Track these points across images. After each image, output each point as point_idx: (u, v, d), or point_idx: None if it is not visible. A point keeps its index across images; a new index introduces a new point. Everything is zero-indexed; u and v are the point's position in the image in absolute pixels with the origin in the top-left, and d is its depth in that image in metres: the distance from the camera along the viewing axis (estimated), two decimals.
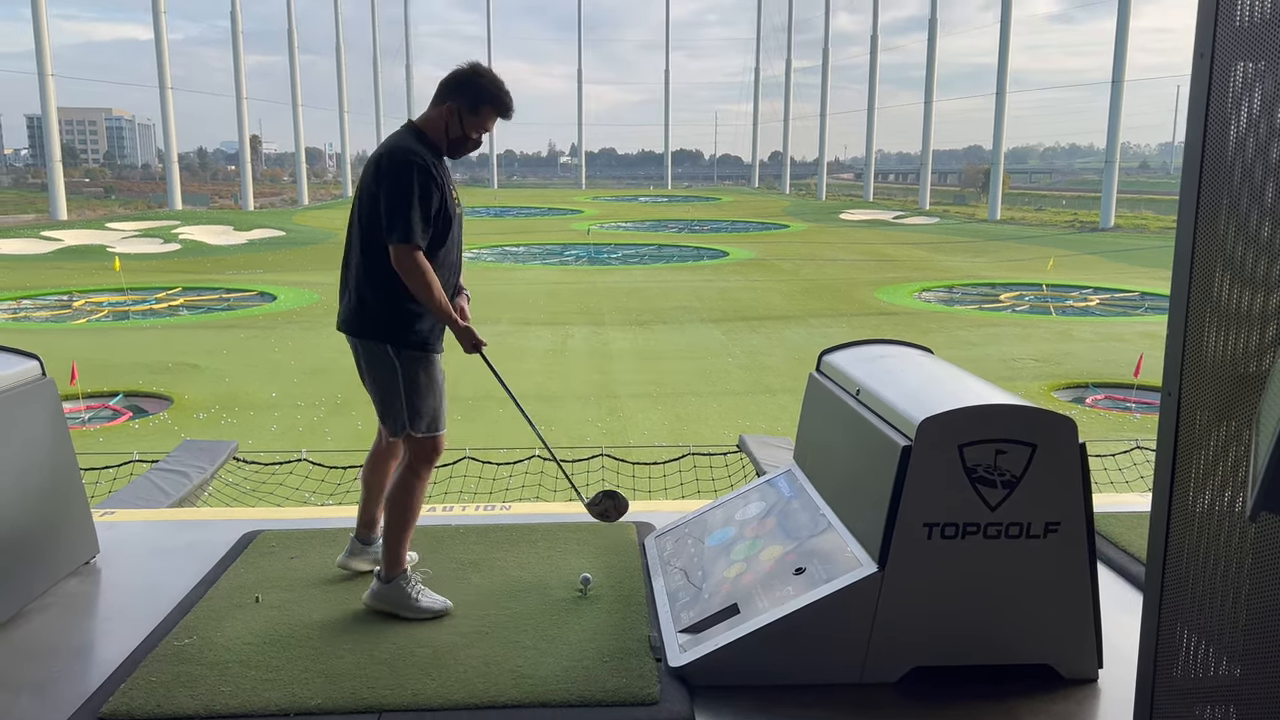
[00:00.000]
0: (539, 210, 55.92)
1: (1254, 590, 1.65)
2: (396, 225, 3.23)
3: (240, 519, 4.60)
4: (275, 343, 15.55)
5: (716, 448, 7.36)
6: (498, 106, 3.42)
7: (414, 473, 3.46)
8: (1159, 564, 1.86)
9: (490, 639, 3.22)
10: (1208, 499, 1.75)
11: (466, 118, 3.38)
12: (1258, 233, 1.59)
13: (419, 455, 3.46)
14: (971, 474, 2.88)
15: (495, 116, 3.44)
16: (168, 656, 3.09)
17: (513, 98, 3.46)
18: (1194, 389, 1.74)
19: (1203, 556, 1.77)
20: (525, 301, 20.23)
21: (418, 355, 3.40)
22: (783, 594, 3.06)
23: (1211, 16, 1.67)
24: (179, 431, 10.03)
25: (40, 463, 3.64)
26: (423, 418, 3.42)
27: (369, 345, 3.41)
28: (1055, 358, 14.63)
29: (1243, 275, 1.63)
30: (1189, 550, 1.78)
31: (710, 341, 16.07)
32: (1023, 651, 3.01)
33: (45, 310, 20.55)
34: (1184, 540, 1.79)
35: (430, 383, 3.44)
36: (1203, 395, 1.72)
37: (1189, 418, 1.76)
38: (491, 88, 3.39)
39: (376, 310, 3.37)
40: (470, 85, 3.37)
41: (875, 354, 3.86)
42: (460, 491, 6.50)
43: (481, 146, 3.55)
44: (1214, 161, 1.70)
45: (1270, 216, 1.55)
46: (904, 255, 31.25)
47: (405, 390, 3.40)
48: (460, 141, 3.42)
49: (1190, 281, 1.74)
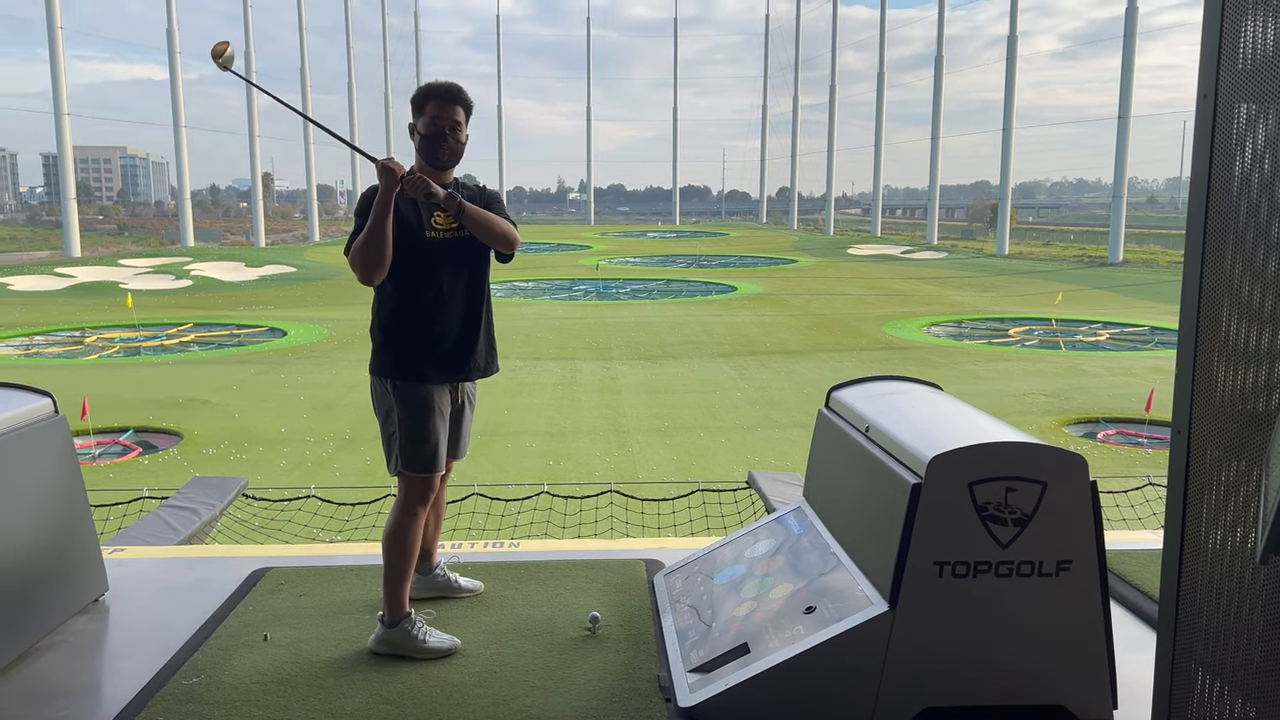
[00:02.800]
0: (548, 246, 56.24)
1: (1268, 629, 1.63)
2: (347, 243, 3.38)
3: (249, 556, 4.60)
4: (285, 378, 15.60)
5: (726, 484, 7.34)
6: (429, 94, 3.42)
7: (407, 513, 3.44)
8: (1172, 603, 1.85)
9: (499, 678, 3.20)
10: (1219, 537, 1.74)
11: (417, 121, 3.43)
12: (1264, 269, 1.60)
13: (410, 495, 3.44)
14: (982, 512, 2.86)
15: (437, 104, 3.40)
16: (176, 696, 3.08)
17: (449, 83, 3.46)
18: (1204, 427, 1.74)
19: (1215, 595, 1.75)
20: (534, 336, 20.28)
21: (413, 387, 3.39)
22: (793, 633, 3.03)
23: (1214, 59, 1.69)
24: (188, 467, 10.04)
25: (51, 500, 3.65)
26: (416, 456, 3.41)
27: (372, 380, 3.49)
28: (1066, 393, 14.57)
29: (1250, 312, 1.64)
30: (1201, 589, 1.77)
31: (719, 376, 16.06)
32: (1036, 692, 2.97)
33: (57, 346, 20.69)
34: (1196, 579, 1.78)
35: (421, 419, 3.40)
36: (1212, 433, 1.72)
37: (1199, 455, 1.76)
38: (422, 88, 3.46)
39: (376, 347, 3.46)
40: (412, 99, 3.48)
41: (884, 390, 3.86)
42: (469, 528, 6.48)
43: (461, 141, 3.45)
44: (1219, 199, 1.71)
45: (1276, 253, 1.56)
46: (912, 290, 31.28)
47: (399, 426, 3.41)
48: (425, 143, 3.39)
49: (1198, 319, 1.74)
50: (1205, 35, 1.71)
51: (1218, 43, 1.68)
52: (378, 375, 3.45)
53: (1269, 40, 1.60)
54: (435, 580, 3.88)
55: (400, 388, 3.40)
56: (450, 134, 3.40)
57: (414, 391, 3.40)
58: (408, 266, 3.35)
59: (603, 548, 4.84)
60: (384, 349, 3.43)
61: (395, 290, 3.39)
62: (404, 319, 3.40)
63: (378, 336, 3.46)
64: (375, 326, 3.47)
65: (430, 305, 3.40)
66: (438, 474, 3.48)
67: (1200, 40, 1.72)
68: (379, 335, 3.46)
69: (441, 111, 3.39)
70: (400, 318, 3.41)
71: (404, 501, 3.44)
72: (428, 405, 3.42)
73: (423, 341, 3.40)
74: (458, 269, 3.45)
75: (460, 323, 3.47)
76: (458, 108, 3.43)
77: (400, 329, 3.41)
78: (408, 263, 3.34)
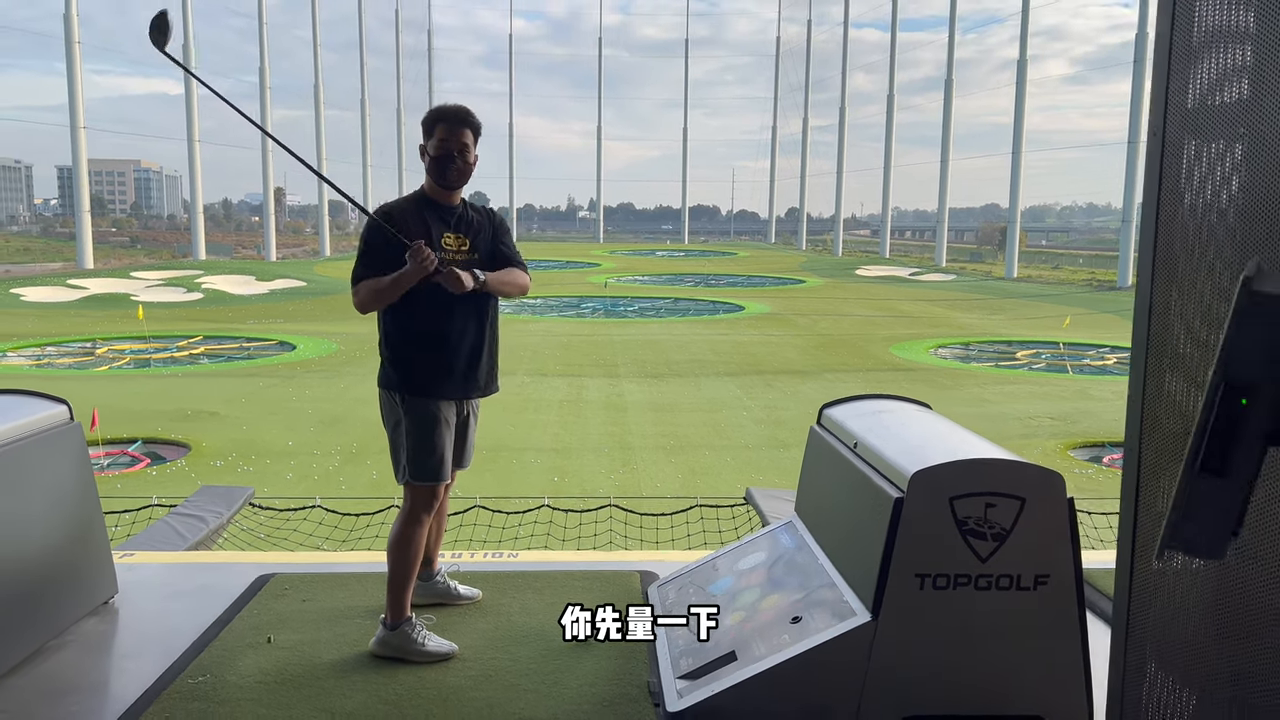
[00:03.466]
0: (557, 263, 56.53)
1: (1209, 624, 1.74)
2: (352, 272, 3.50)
3: (254, 562, 4.71)
4: (294, 392, 15.76)
5: (724, 500, 7.43)
6: (440, 117, 3.55)
7: (412, 521, 3.55)
8: (1124, 600, 1.95)
9: (494, 683, 3.30)
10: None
11: (427, 144, 3.56)
12: (1204, 296, 1.71)
13: (416, 503, 3.56)
14: (962, 526, 2.96)
15: (446, 127, 3.53)
16: (182, 694, 3.18)
17: (459, 106, 3.59)
18: (1153, 442, 1.85)
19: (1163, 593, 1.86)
20: (541, 353, 20.42)
21: (419, 402, 3.51)
22: (779, 641, 3.13)
23: (1162, 99, 1.81)
24: (196, 478, 10.17)
25: (65, 504, 3.77)
26: (423, 466, 3.53)
27: (381, 394, 3.61)
28: (1073, 416, 14.62)
29: (1192, 335, 1.74)
30: (1151, 588, 1.88)
31: (725, 395, 16.16)
32: (1014, 702, 3.06)
33: (68, 357, 20.92)
34: (1146, 579, 1.88)
35: (427, 431, 3.51)
36: (1161, 449, 1.83)
37: (1149, 468, 1.86)
38: (434, 109, 3.59)
39: (385, 362, 3.58)
40: (422, 120, 3.61)
41: (874, 409, 3.96)
42: (470, 540, 6.58)
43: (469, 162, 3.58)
44: (1167, 230, 1.82)
45: (1214, 281, 1.67)
46: (920, 312, 31.37)
47: (406, 438, 3.53)
48: (435, 165, 3.53)
49: (1148, 342, 1.85)
50: (1154, 78, 1.83)
51: (1165, 85, 1.80)
52: (386, 389, 3.58)
53: (1210, 83, 1.72)
54: (435, 587, 3.98)
55: (409, 402, 3.52)
56: (459, 156, 3.53)
57: (423, 406, 3.52)
58: (419, 287, 3.42)
59: (600, 559, 4.94)
60: (393, 365, 3.55)
61: (406, 309, 3.49)
62: (414, 337, 3.52)
63: (386, 352, 3.58)
64: (384, 343, 3.59)
65: (440, 325, 3.51)
66: (443, 484, 3.60)
67: (1150, 82, 1.84)
68: (388, 351, 3.57)
69: (450, 134, 3.52)
70: (411, 336, 3.52)
71: (410, 510, 3.56)
72: (435, 419, 3.53)
73: (432, 359, 3.52)
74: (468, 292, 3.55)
75: (468, 343, 3.58)
76: (466, 130, 3.56)
77: (410, 346, 3.53)
78: (421, 283, 3.42)
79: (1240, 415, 1.28)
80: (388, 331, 3.56)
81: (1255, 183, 1.62)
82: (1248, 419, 1.29)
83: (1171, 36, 1.79)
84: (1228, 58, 1.72)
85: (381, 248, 3.41)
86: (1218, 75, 1.71)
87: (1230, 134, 1.70)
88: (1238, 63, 1.70)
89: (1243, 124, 1.69)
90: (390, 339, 3.56)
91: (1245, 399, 1.28)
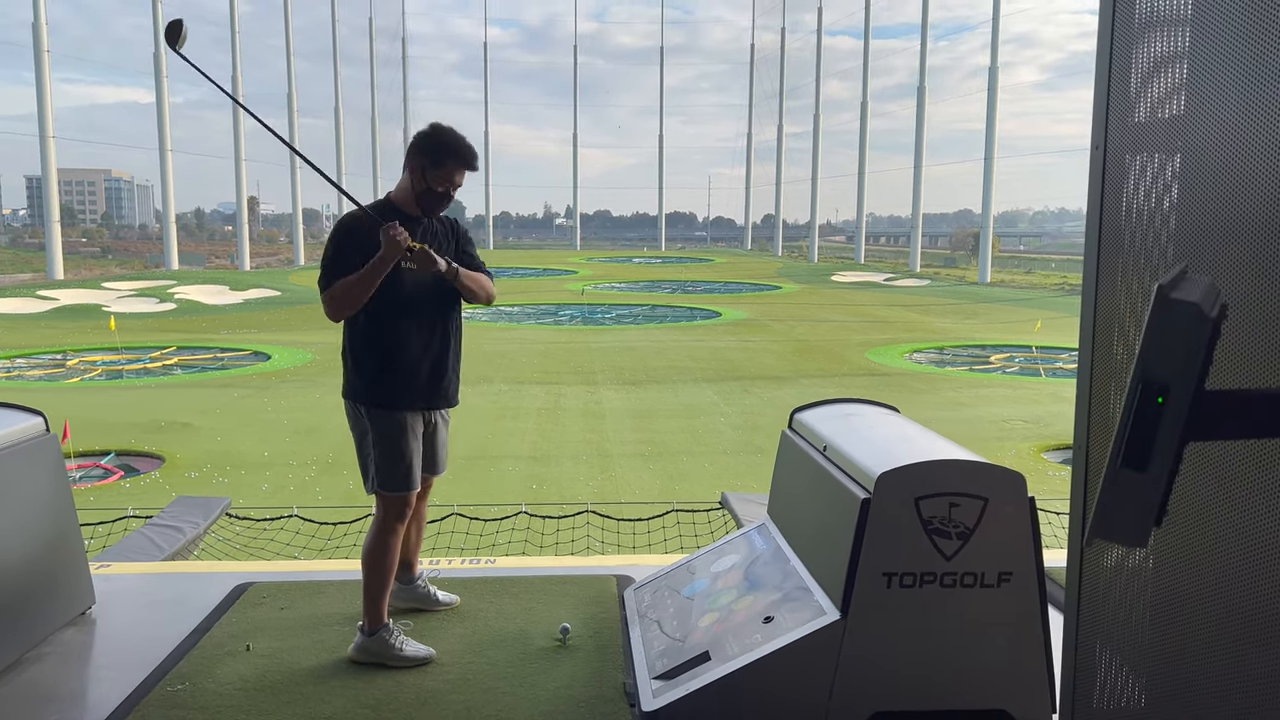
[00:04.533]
0: (534, 270, 56.50)
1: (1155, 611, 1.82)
2: (320, 279, 3.50)
3: (232, 572, 4.73)
4: (268, 402, 15.69)
5: (700, 504, 7.50)
6: (459, 159, 3.56)
7: (385, 530, 3.59)
8: (1075, 589, 2.04)
9: (472, 685, 3.35)
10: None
11: (430, 173, 3.54)
12: (1139, 303, 1.80)
13: (388, 513, 3.60)
14: (927, 525, 3.05)
15: (460, 169, 3.58)
16: (161, 702, 3.21)
17: (475, 150, 3.61)
18: (1099, 442, 1.94)
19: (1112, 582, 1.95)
20: (519, 361, 20.44)
21: (385, 414, 3.54)
22: (751, 641, 3.20)
23: (1103, 116, 1.90)
24: (170, 490, 10.12)
25: (41, 515, 3.78)
26: (391, 476, 3.56)
27: (347, 405, 3.64)
28: (1046, 419, 14.80)
29: (1129, 342, 1.83)
30: (1101, 577, 1.97)
31: (703, 401, 16.24)
32: (980, 696, 3.14)
33: (39, 369, 20.69)
34: (1097, 569, 1.97)
35: (398, 442, 3.54)
36: (1106, 447, 1.91)
37: (1096, 469, 1.95)
38: (451, 143, 3.55)
39: (350, 373, 3.61)
40: (431, 142, 3.55)
41: (844, 412, 4.05)
42: (448, 547, 6.62)
43: (453, 200, 3.67)
44: (1109, 241, 1.91)
45: (1145, 291, 1.76)
46: (895, 317, 31.63)
47: (374, 449, 3.56)
48: (428, 195, 3.57)
49: (1094, 345, 1.94)
50: (1096, 96, 1.93)
51: (1105, 103, 1.89)
52: (352, 400, 3.61)
53: (1150, 101, 1.81)
54: (415, 591, 4.02)
55: (374, 413, 3.55)
56: (453, 194, 3.64)
57: (388, 417, 3.55)
58: (385, 297, 3.46)
59: (576, 564, 5.00)
60: (357, 375, 3.57)
61: (370, 319, 3.52)
62: (379, 348, 3.53)
63: (350, 362, 3.60)
64: (348, 352, 3.61)
65: (405, 335, 3.54)
66: (413, 492, 3.62)
67: (1092, 100, 1.93)
68: (351, 361, 3.60)
69: (460, 179, 3.61)
70: (375, 346, 3.54)
71: (382, 520, 3.60)
72: (401, 428, 3.56)
73: (397, 370, 3.54)
74: (432, 301, 3.60)
75: (433, 353, 3.62)
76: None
77: (375, 357, 3.54)
78: (385, 294, 3.45)
79: (1157, 414, 1.37)
80: (352, 343, 3.58)
81: (1190, 195, 1.71)
82: (1164, 417, 1.37)
83: (1111, 53, 1.88)
84: (1165, 74, 1.81)
85: (352, 253, 3.43)
86: (1156, 91, 1.80)
87: (1168, 148, 1.79)
88: (1175, 80, 1.79)
89: (1180, 138, 1.78)
90: (355, 351, 3.57)
91: (1161, 398, 1.36)
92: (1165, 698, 1.79)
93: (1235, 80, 1.61)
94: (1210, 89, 1.69)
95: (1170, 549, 1.73)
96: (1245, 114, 1.58)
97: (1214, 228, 1.63)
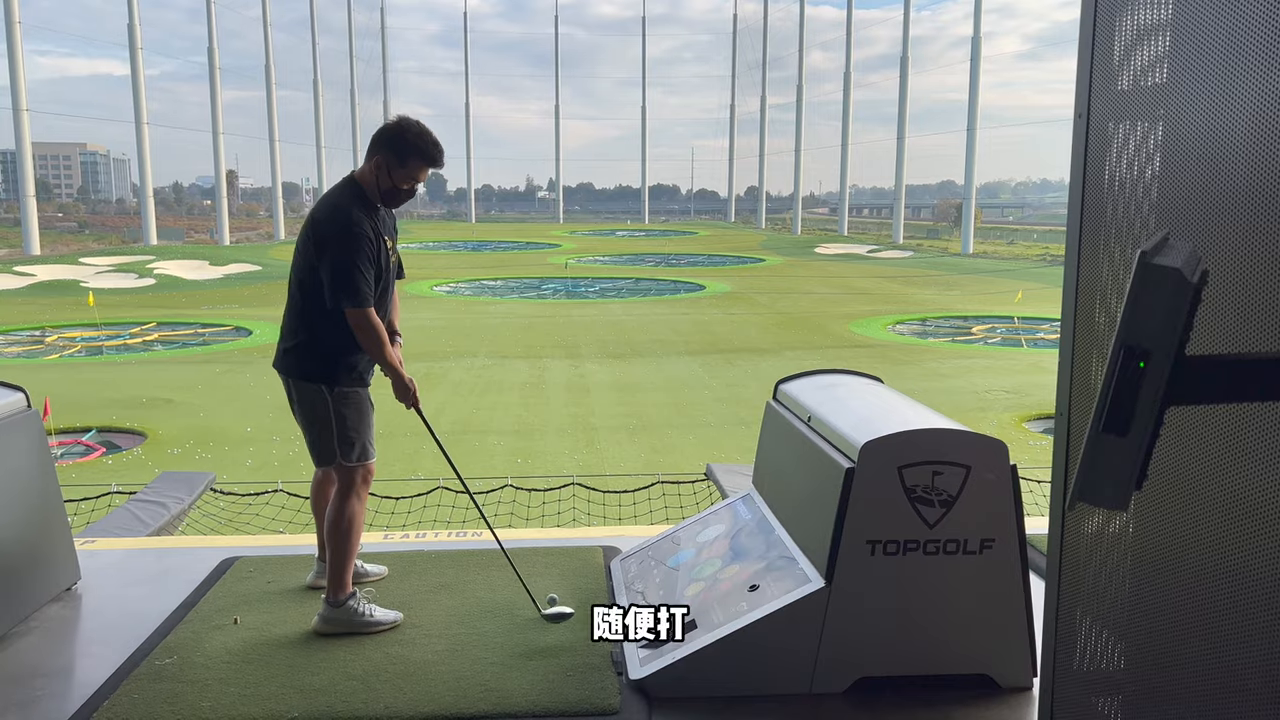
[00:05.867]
0: (516, 244, 56.26)
1: (1133, 577, 1.86)
2: (347, 291, 3.44)
3: (218, 546, 4.73)
4: (250, 378, 15.60)
5: (685, 476, 7.54)
6: (424, 158, 3.57)
7: (352, 498, 3.65)
8: (1056, 556, 2.07)
9: (460, 656, 3.38)
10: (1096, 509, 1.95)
11: (395, 170, 3.55)
12: (1121, 271, 1.81)
13: (352, 482, 3.65)
14: (911, 494, 3.08)
15: (424, 167, 3.58)
16: (149, 675, 3.22)
17: (441, 147, 3.61)
18: (1080, 409, 1.96)
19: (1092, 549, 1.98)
20: (502, 335, 20.40)
21: (354, 392, 3.63)
22: (737, 609, 3.23)
23: (1086, 84, 1.91)
24: (152, 466, 10.08)
25: (25, 492, 3.77)
26: (354, 448, 3.64)
27: (301, 384, 3.64)
28: (1026, 389, 14.91)
29: (1110, 309, 1.85)
30: (1082, 544, 2.00)
31: (687, 374, 16.27)
32: (962, 662, 3.20)
33: (17, 346, 20.49)
34: (1078, 536, 2.00)
35: (360, 415, 3.66)
36: (1088, 414, 1.93)
37: (1078, 434, 1.97)
38: (417, 141, 3.54)
39: (311, 353, 3.61)
40: (396, 139, 3.53)
41: (827, 383, 4.07)
42: (434, 520, 6.63)
43: (415, 195, 3.75)
44: (1092, 209, 1.93)
45: (1127, 258, 1.77)
46: (878, 288, 31.71)
47: (336, 425, 3.61)
48: (392, 192, 3.61)
49: (1075, 313, 1.96)
50: (1079, 64, 1.93)
51: (1089, 70, 1.90)
52: (311, 381, 3.62)
53: (1133, 70, 1.82)
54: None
55: (345, 393, 3.62)
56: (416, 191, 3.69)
57: (358, 394, 3.66)
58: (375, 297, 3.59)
59: (563, 536, 5.02)
60: (325, 358, 3.60)
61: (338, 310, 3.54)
62: (348, 337, 3.56)
63: (320, 351, 3.60)
64: (316, 342, 3.60)
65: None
66: (373, 460, 3.73)
67: (1075, 67, 1.93)
68: (322, 350, 3.60)
69: (424, 176, 3.63)
70: (347, 336, 3.56)
71: (351, 488, 3.65)
72: (367, 402, 3.71)
73: (358, 353, 3.61)
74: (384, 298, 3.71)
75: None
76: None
77: (347, 344, 3.57)
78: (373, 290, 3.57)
79: (1138, 379, 1.38)
80: (324, 335, 3.57)
81: (1172, 163, 1.72)
82: (1145, 383, 1.39)
83: (1095, 18, 1.89)
84: (1149, 42, 1.81)
85: (374, 258, 3.52)
86: (1140, 59, 1.81)
87: (1150, 116, 1.80)
88: (1158, 47, 1.79)
89: (1163, 106, 1.79)
90: (325, 340, 3.58)
91: (1142, 363, 1.38)
92: (1144, 660, 1.82)
93: (1218, 49, 1.62)
94: (1193, 57, 1.70)
95: (1150, 513, 1.75)
96: (1228, 83, 1.59)
97: (1196, 195, 1.64)
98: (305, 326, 3.61)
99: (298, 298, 3.61)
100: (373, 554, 4.29)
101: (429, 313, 24.01)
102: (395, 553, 4.42)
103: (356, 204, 3.54)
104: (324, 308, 3.53)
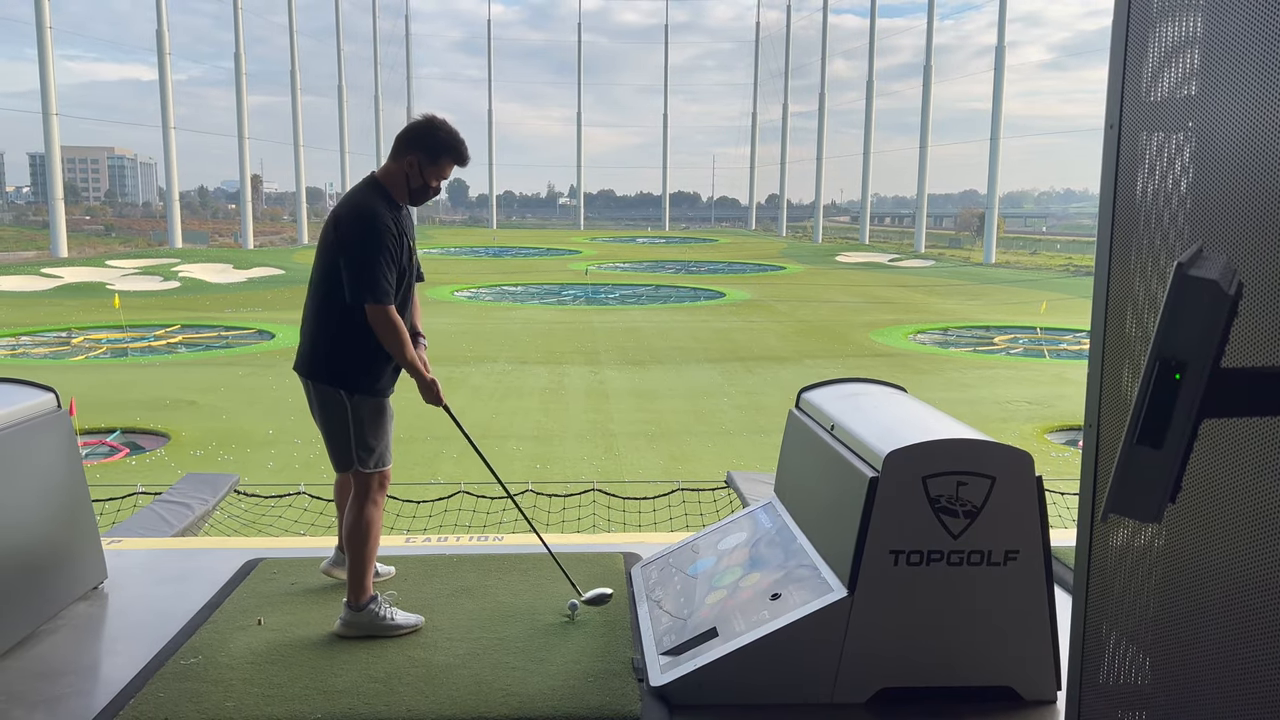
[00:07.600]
0: (537, 250, 56.42)
1: (1160, 592, 1.84)
2: (369, 287, 3.46)
3: (242, 548, 4.77)
4: (273, 380, 15.71)
5: (705, 483, 7.53)
6: (455, 156, 3.66)
7: (369, 504, 3.66)
8: (1084, 571, 2.06)
9: (481, 660, 3.39)
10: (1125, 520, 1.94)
11: (427, 168, 3.61)
12: (1157, 280, 1.80)
13: (369, 488, 3.67)
14: (935, 504, 3.06)
15: (453, 164, 3.68)
16: (174, 674, 3.25)
17: (467, 145, 3.71)
18: (1110, 421, 1.95)
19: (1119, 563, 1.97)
20: (523, 340, 20.45)
21: (374, 400, 3.64)
22: (758, 618, 3.23)
23: (1118, 95, 1.90)
24: (175, 468, 10.16)
25: (54, 491, 3.81)
26: (372, 454, 3.66)
27: (322, 388, 3.65)
28: (1049, 400, 14.80)
29: (1146, 319, 1.84)
30: (1109, 558, 1.98)
31: (706, 382, 16.25)
32: (985, 674, 3.17)
33: (44, 347, 20.73)
34: (1105, 550, 1.99)
35: (378, 423, 3.67)
36: (1119, 428, 1.92)
37: (1107, 445, 1.96)
38: (449, 139, 3.63)
39: (332, 357, 3.63)
40: (429, 137, 3.61)
41: (850, 391, 4.06)
42: (455, 525, 6.65)
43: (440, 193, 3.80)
44: (1124, 219, 1.92)
45: (1160, 269, 1.77)
46: (899, 297, 31.57)
47: (355, 431, 3.63)
48: (422, 190, 3.66)
49: (1106, 324, 1.95)
50: (1110, 75, 1.93)
51: (1121, 82, 1.89)
52: (334, 386, 3.63)
53: (1165, 82, 1.81)
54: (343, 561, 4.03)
55: (366, 400, 3.63)
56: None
57: (378, 402, 3.67)
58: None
59: (584, 542, 5.03)
60: (346, 363, 3.61)
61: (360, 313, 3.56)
62: (373, 344, 3.57)
63: (343, 356, 3.61)
64: (338, 348, 3.62)
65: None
66: (389, 467, 3.75)
67: (1100, 77, 1.93)
68: (345, 355, 3.61)
69: (450, 173, 3.69)
70: (370, 343, 3.57)
71: (369, 494, 3.67)
72: (386, 410, 3.72)
73: (381, 359, 3.62)
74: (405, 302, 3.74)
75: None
76: None
77: (371, 350, 3.59)
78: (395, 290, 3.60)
79: (1174, 391, 1.37)
80: (345, 340, 3.59)
81: (1203, 174, 1.71)
82: (1180, 395, 1.38)
83: (1128, 30, 1.88)
84: (1181, 54, 1.81)
85: (397, 256, 3.56)
86: (1172, 70, 1.80)
87: (1183, 128, 1.79)
88: (1191, 59, 1.79)
89: (1195, 117, 1.78)
90: (346, 345, 3.59)
91: (1178, 375, 1.37)
92: (1172, 674, 1.81)
93: (1251, 61, 1.61)
94: (1226, 69, 1.69)
95: (1179, 526, 1.74)
96: (1262, 94, 1.58)
97: (1230, 207, 1.63)
98: (325, 331, 3.64)
99: (319, 300, 3.63)
100: (394, 557, 4.32)
101: (450, 318, 24.11)
102: (416, 556, 4.44)
103: (380, 202, 3.58)
104: (345, 312, 3.54)
